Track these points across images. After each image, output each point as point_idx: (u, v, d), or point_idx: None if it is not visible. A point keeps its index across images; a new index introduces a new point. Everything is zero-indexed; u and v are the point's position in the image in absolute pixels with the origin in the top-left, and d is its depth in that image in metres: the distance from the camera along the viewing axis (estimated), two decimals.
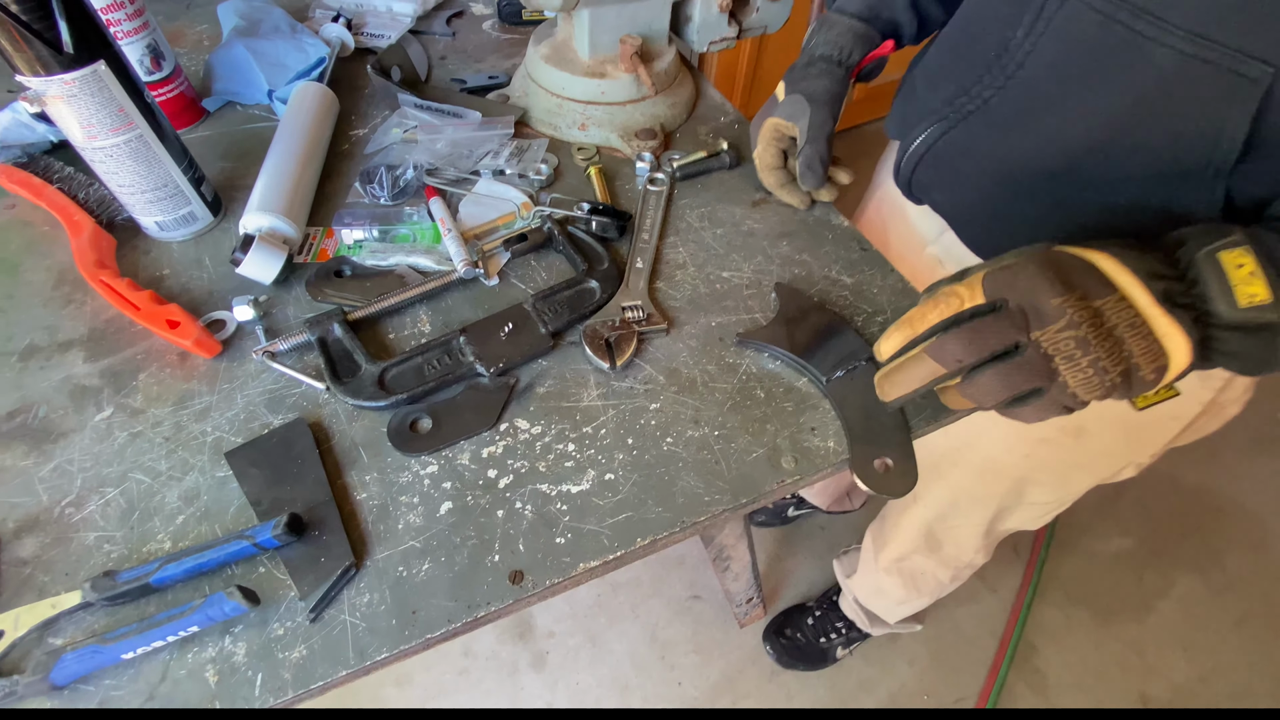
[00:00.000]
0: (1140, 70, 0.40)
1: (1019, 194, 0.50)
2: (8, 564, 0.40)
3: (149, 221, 0.56)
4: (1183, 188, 0.42)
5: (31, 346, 0.50)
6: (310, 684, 0.35)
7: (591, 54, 0.67)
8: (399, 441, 0.44)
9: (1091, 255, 0.36)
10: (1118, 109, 0.42)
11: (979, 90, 0.50)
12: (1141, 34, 0.39)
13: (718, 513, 0.43)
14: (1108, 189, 0.46)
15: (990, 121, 0.50)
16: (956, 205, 0.58)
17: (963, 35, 0.54)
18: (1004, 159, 0.50)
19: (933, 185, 0.58)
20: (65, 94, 0.46)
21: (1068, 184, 0.47)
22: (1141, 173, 0.43)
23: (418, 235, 0.58)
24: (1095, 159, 0.45)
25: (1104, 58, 0.41)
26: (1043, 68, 0.45)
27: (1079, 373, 0.33)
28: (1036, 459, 0.66)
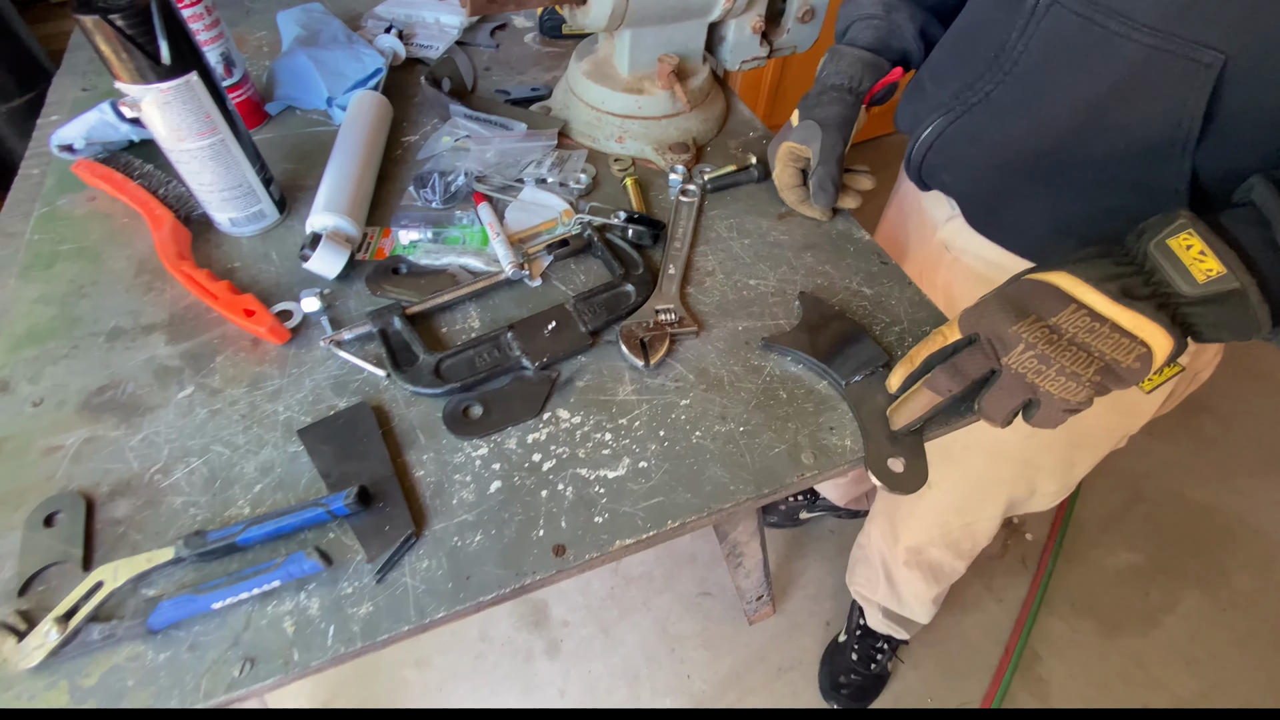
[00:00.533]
0: (1113, 61, 0.46)
1: (1016, 172, 0.57)
2: (103, 523, 0.44)
3: (223, 218, 0.61)
4: (1155, 164, 0.48)
5: (117, 329, 0.55)
6: (376, 636, 0.39)
7: (630, 71, 0.71)
8: (453, 426, 0.49)
9: (1050, 276, 0.42)
10: (1096, 95, 0.48)
11: (981, 85, 0.56)
12: (1113, 31, 0.45)
13: (741, 501, 0.46)
14: (1091, 166, 0.52)
15: (991, 111, 0.56)
16: (962, 185, 0.63)
17: (964, 40, 0.60)
18: (1003, 143, 0.56)
19: (941, 169, 0.64)
20: (160, 101, 0.51)
21: (1057, 162, 0.53)
22: (1119, 150, 0.49)
23: (467, 238, 0.62)
24: (1079, 139, 0.51)
25: (1083, 52, 0.48)
26: (1033, 64, 0.52)
27: (1052, 382, 0.39)
28: (1040, 439, 0.71)
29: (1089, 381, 0.40)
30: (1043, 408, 0.42)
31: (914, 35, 0.65)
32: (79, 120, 0.65)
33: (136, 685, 0.38)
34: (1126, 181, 0.51)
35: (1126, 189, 0.51)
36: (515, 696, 1.19)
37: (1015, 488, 0.78)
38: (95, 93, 0.81)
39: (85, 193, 0.67)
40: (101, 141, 0.66)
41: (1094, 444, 0.73)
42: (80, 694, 0.38)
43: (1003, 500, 0.79)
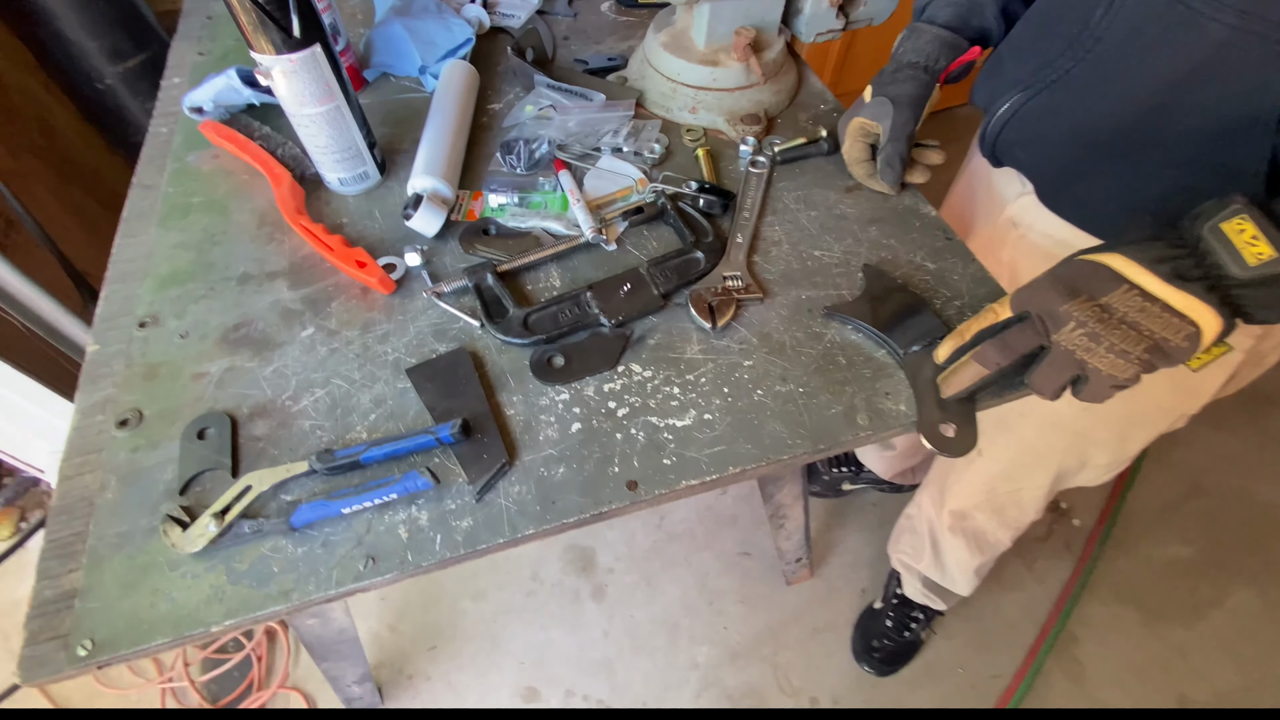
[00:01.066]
0: (1197, 41, 0.47)
1: (1092, 151, 0.58)
2: (245, 439, 0.52)
3: (332, 177, 0.67)
4: (1234, 143, 0.49)
5: (246, 274, 0.63)
6: (475, 546, 0.46)
7: (707, 43, 0.74)
8: (539, 373, 0.54)
9: (1104, 257, 0.44)
10: (1178, 74, 0.49)
11: (1061, 63, 0.56)
12: (1198, 11, 0.46)
13: (799, 454, 0.50)
14: (1169, 145, 0.52)
15: (1069, 89, 0.57)
16: (1038, 161, 0.64)
17: (1046, 17, 0.60)
18: (1080, 121, 0.57)
19: (1016, 144, 0.65)
20: (288, 70, 0.57)
21: (1134, 141, 0.54)
22: (1197, 130, 0.50)
23: (549, 203, 0.67)
24: (1158, 118, 0.52)
25: (1167, 31, 0.48)
26: (1116, 42, 0.52)
27: (1102, 359, 0.42)
28: (1096, 412, 0.71)
29: (1138, 359, 0.42)
30: (1091, 383, 0.44)
31: (995, 14, 0.65)
32: (208, 85, 0.72)
33: (280, 572, 0.46)
34: (1204, 162, 0.52)
35: (1204, 169, 0.52)
36: (562, 634, 1.28)
37: (1066, 458, 0.79)
38: (210, 57, 0.88)
39: (210, 150, 0.74)
40: (225, 104, 0.73)
41: (1150, 421, 0.74)
42: (235, 575, 0.46)
43: (1052, 470, 0.81)
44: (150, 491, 0.49)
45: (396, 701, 1.21)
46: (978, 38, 0.67)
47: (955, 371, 0.50)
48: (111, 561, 0.46)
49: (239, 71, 0.71)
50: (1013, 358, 0.46)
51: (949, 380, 0.51)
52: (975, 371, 0.48)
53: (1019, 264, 0.72)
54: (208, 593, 0.45)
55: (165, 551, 0.46)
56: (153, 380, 0.55)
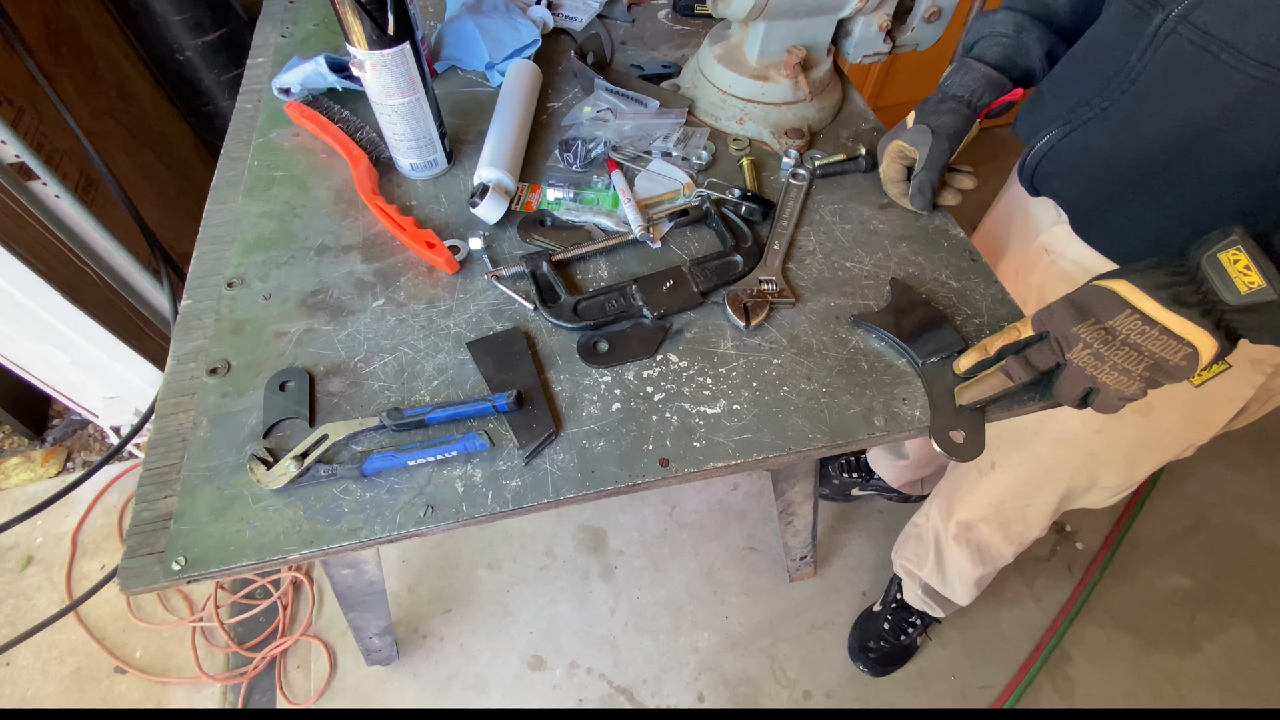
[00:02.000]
0: (1223, 89, 0.51)
1: (1124, 185, 0.62)
2: (322, 394, 0.58)
3: (405, 163, 0.73)
4: (1258, 185, 0.53)
5: (323, 245, 0.69)
6: (523, 504, 0.51)
7: (759, 59, 0.78)
8: (585, 356, 0.60)
9: (1112, 283, 0.49)
10: (1206, 119, 0.53)
11: (1098, 101, 0.61)
12: (1225, 62, 0.50)
13: (818, 448, 0.55)
14: (1196, 183, 0.56)
15: (1104, 126, 0.61)
16: (1072, 193, 0.68)
17: (1086, 58, 0.64)
18: (1113, 156, 0.61)
19: (1053, 176, 0.68)
20: (379, 64, 0.63)
21: (1164, 178, 0.58)
22: (1224, 171, 0.54)
23: (601, 200, 0.72)
24: (1187, 158, 0.56)
25: (1196, 78, 0.52)
26: (1149, 84, 0.56)
27: (1108, 375, 0.47)
28: (1109, 434, 0.75)
29: (1139, 376, 0.47)
30: (1101, 395, 0.49)
31: (1040, 57, 0.68)
32: (297, 69, 0.78)
33: (350, 511, 0.52)
34: (1229, 200, 0.55)
35: (1229, 207, 0.56)
36: (570, 608, 1.34)
37: (1076, 478, 0.83)
38: (292, 39, 0.95)
39: (291, 128, 0.81)
40: (310, 87, 0.80)
41: (1160, 446, 0.77)
42: (311, 512, 0.52)
43: (1061, 488, 0.84)
44: (237, 433, 0.55)
45: (411, 658, 1.28)
46: (1022, 78, 0.70)
47: (977, 383, 0.55)
48: (203, 491, 0.52)
49: (327, 59, 0.77)
50: (1033, 374, 0.52)
51: (968, 390, 0.55)
52: (998, 383, 0.54)
53: (1047, 288, 0.75)
54: (286, 525, 0.51)
55: (250, 486, 0.53)
56: (239, 335, 0.61)
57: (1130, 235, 0.64)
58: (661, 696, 1.25)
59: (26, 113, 1.01)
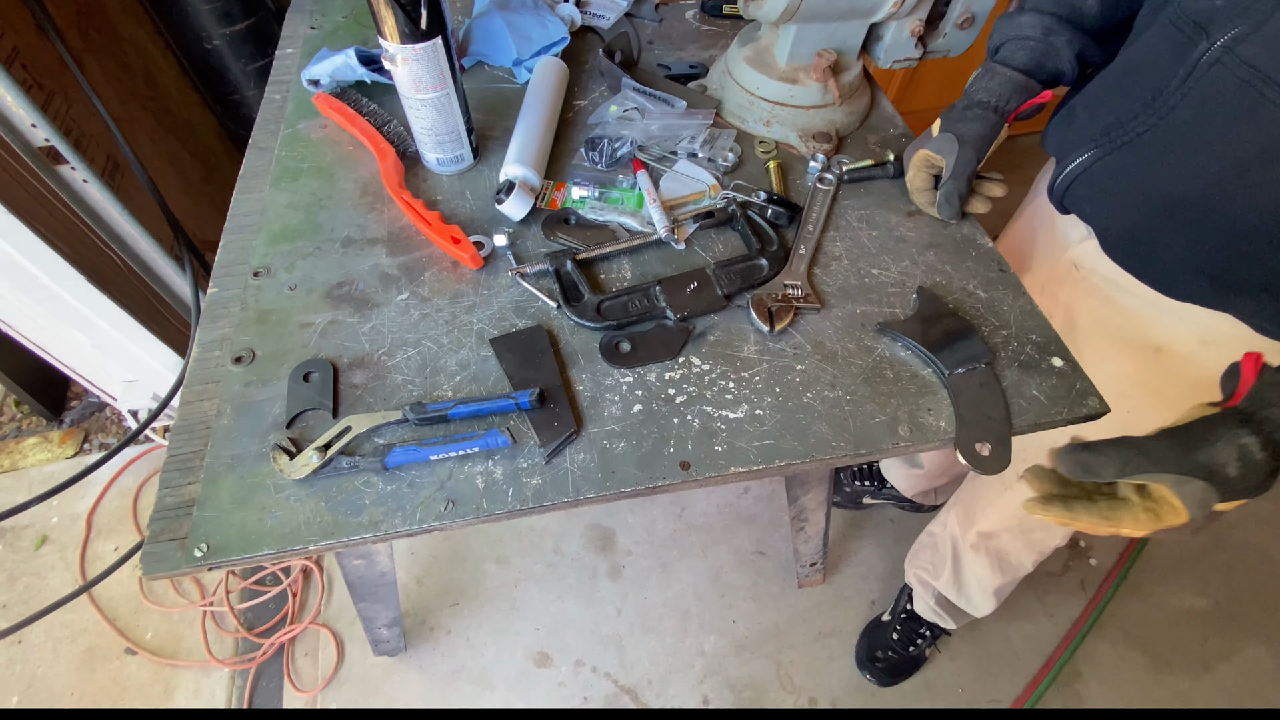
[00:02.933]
0: (1266, 126, 0.50)
1: (1159, 214, 0.60)
2: (345, 386, 0.58)
3: (431, 157, 0.73)
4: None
5: (349, 238, 0.69)
6: (543, 502, 0.51)
7: (789, 61, 0.77)
8: (607, 355, 0.59)
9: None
10: (1245, 155, 0.52)
11: (1134, 125, 0.59)
12: (1269, 99, 0.49)
13: (840, 455, 0.55)
14: (1232, 215, 0.55)
15: (1141, 152, 0.59)
16: (1104, 218, 0.67)
17: (1125, 75, 0.63)
18: (1150, 186, 0.60)
19: (1084, 200, 0.67)
20: (411, 58, 0.63)
21: (1201, 210, 0.57)
22: (1260, 207, 0.53)
23: (626, 199, 0.72)
24: (1224, 192, 0.55)
25: (1238, 113, 0.51)
26: (1190, 114, 0.55)
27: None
28: None
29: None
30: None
31: (1071, 58, 0.67)
32: (327, 61, 0.78)
33: (371, 504, 0.52)
34: (1265, 234, 0.54)
35: (1264, 241, 0.55)
36: (577, 606, 1.34)
37: None
38: (321, 31, 0.95)
39: (318, 120, 0.81)
40: (339, 80, 0.80)
41: None
42: (332, 503, 0.52)
43: None
44: (260, 422, 0.56)
45: (417, 650, 1.29)
46: (1051, 80, 0.69)
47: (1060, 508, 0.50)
48: (226, 479, 0.53)
49: (357, 52, 0.77)
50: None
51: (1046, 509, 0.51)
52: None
53: (1076, 305, 0.74)
54: (308, 516, 0.51)
55: (272, 475, 0.53)
56: (264, 325, 0.62)
57: (1162, 263, 0.63)
58: (666, 698, 1.24)
59: (56, 96, 1.02)
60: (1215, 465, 0.44)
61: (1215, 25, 0.52)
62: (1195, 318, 0.63)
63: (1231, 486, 0.44)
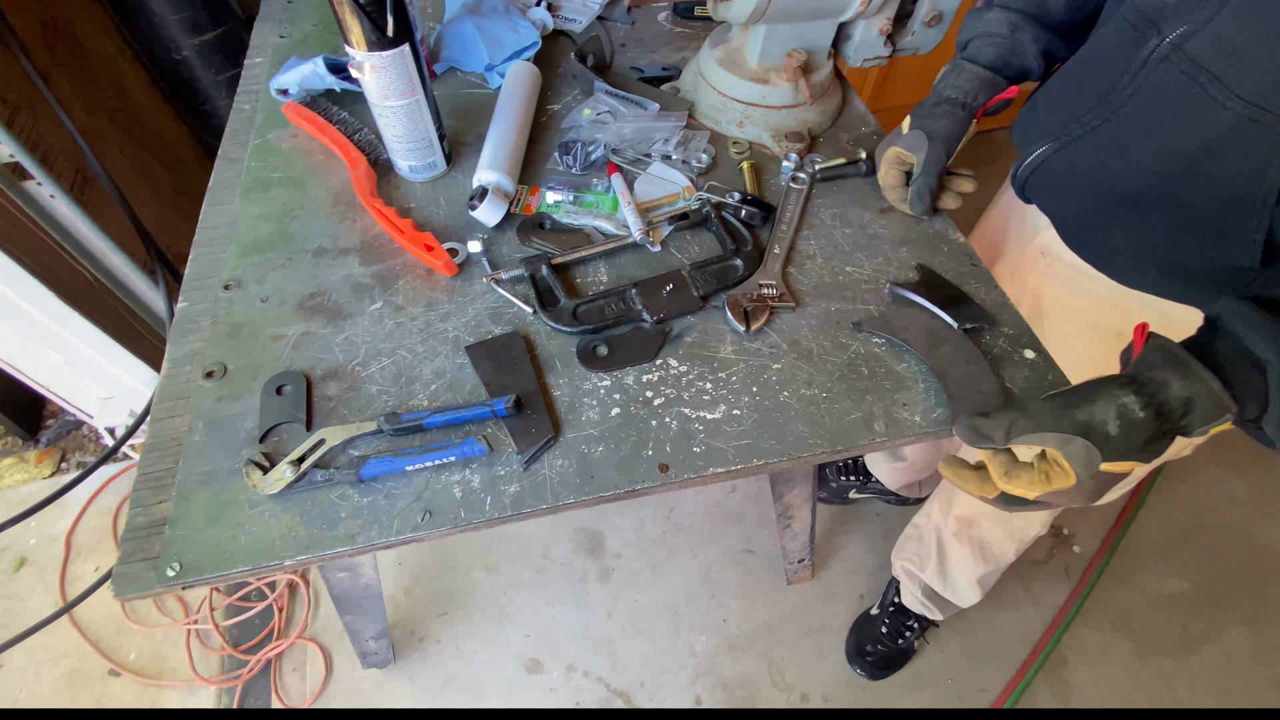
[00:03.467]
0: (1208, 122, 0.51)
1: (1110, 206, 0.62)
2: (319, 398, 0.58)
3: (404, 165, 0.72)
4: (1236, 215, 0.53)
5: (321, 248, 0.68)
6: (521, 509, 0.51)
7: (760, 62, 0.78)
8: (584, 360, 0.59)
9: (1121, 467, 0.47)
10: (1190, 148, 0.53)
11: (1088, 119, 0.61)
12: (1213, 96, 0.50)
13: (818, 453, 0.55)
14: (1179, 208, 0.57)
15: (1093, 146, 0.61)
16: (1060, 210, 0.69)
17: (1082, 72, 0.64)
18: (1102, 179, 0.61)
19: (1042, 191, 0.69)
20: (379, 66, 0.63)
21: (1148, 201, 0.58)
22: (1204, 199, 0.54)
23: (601, 203, 0.72)
24: (1170, 184, 0.56)
25: (1184, 109, 0.53)
26: (1138, 109, 0.56)
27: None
28: None
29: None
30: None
31: (1036, 55, 0.68)
32: (295, 70, 0.77)
33: (347, 517, 0.51)
34: (1209, 227, 0.56)
35: (1209, 233, 0.56)
36: (568, 611, 1.34)
37: None
38: (291, 40, 0.94)
39: (289, 129, 0.80)
40: (308, 88, 0.79)
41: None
42: (308, 518, 0.51)
43: None
44: (233, 437, 0.55)
45: (407, 661, 1.28)
46: (1018, 76, 0.70)
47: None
48: (198, 496, 0.52)
49: (326, 60, 0.76)
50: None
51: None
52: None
53: (1044, 290, 0.75)
54: (283, 530, 0.50)
55: (246, 491, 0.52)
56: (236, 338, 0.61)
57: (1115, 253, 0.65)
58: (659, 699, 1.24)
59: (21, 111, 1.00)
60: (1095, 423, 0.45)
61: (1165, 22, 0.53)
62: (1153, 303, 0.64)
63: (1113, 445, 0.45)
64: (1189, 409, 0.45)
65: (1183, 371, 0.45)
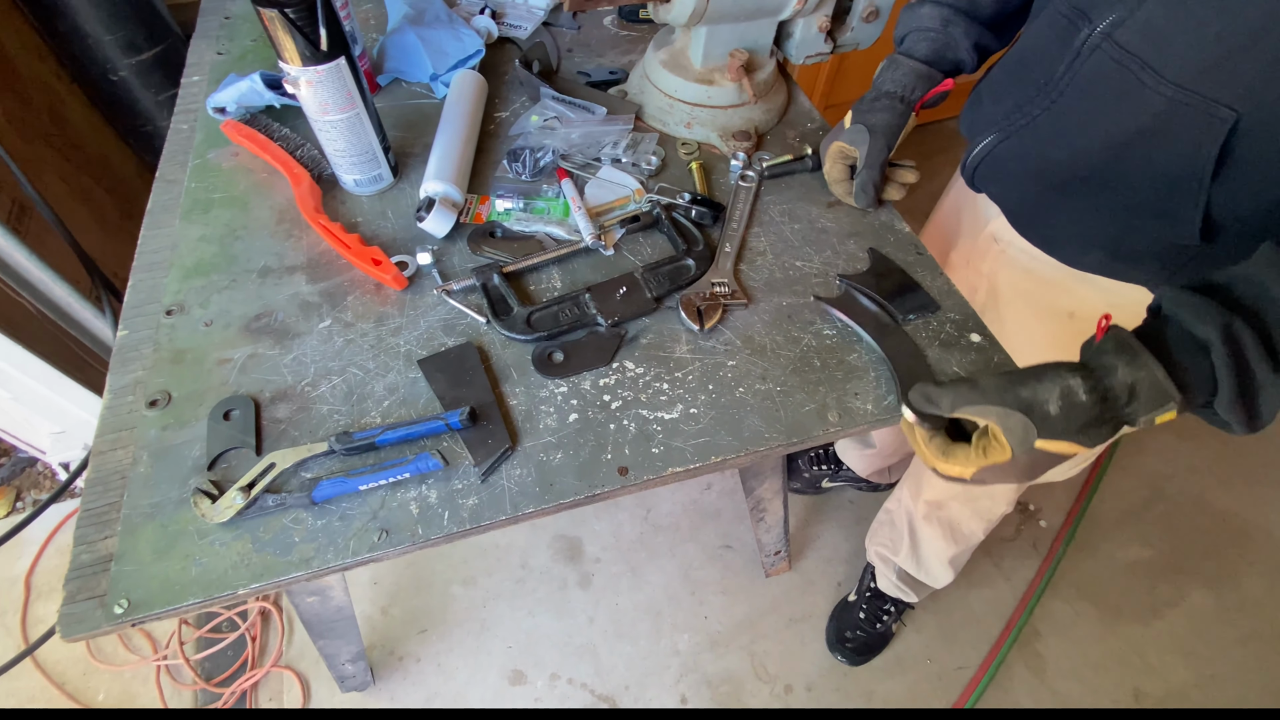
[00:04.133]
0: (1142, 107, 0.53)
1: (1054, 192, 0.64)
2: (268, 421, 0.56)
3: (348, 179, 0.71)
4: (1175, 195, 0.55)
5: (266, 267, 0.67)
6: (480, 522, 0.51)
7: (703, 63, 0.79)
8: (540, 367, 0.59)
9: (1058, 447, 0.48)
10: (1125, 133, 0.55)
11: (1029, 109, 0.62)
12: (1144, 82, 0.52)
13: (774, 446, 0.56)
14: (1119, 191, 0.59)
15: (1036, 134, 0.63)
16: (1008, 197, 0.71)
17: (1021, 63, 0.66)
18: (1045, 166, 0.63)
19: (990, 180, 0.71)
20: (315, 80, 0.62)
21: (1090, 185, 0.60)
22: (1142, 181, 0.56)
23: (552, 209, 0.72)
24: (1109, 168, 0.58)
25: (1118, 95, 0.54)
26: (1075, 97, 0.58)
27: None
28: None
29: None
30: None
31: (968, 48, 0.70)
32: (232, 87, 0.76)
33: (301, 541, 0.50)
34: (1150, 208, 0.58)
35: (1150, 213, 0.58)
36: (549, 619, 1.33)
37: None
38: (229, 56, 0.92)
39: (230, 148, 0.78)
40: (247, 105, 0.77)
41: None
42: (260, 544, 0.50)
43: None
44: (179, 466, 0.54)
45: (387, 682, 1.26)
46: (952, 70, 0.72)
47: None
48: (145, 529, 0.50)
49: (263, 76, 0.75)
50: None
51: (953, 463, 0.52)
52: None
53: (998, 276, 0.77)
54: (235, 559, 0.49)
55: (195, 521, 0.51)
56: (180, 364, 0.59)
57: (1062, 238, 0.67)
58: (644, 701, 1.24)
59: None
60: (1037, 401, 0.46)
61: (1095, 11, 0.55)
62: (1101, 284, 0.66)
63: (1051, 424, 0.45)
64: (1133, 395, 0.45)
65: (1130, 358, 0.45)
